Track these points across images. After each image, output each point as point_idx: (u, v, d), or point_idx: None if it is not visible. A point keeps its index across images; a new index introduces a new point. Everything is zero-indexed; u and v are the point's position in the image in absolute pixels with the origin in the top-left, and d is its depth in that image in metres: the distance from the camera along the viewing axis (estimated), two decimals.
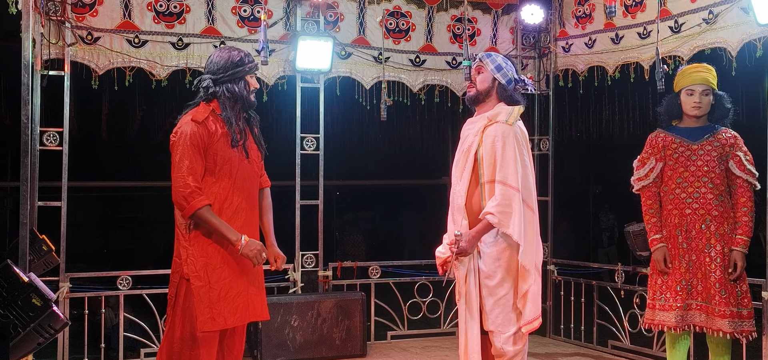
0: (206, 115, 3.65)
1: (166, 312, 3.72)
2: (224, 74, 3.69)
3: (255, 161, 3.84)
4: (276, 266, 3.88)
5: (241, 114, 3.77)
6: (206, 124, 3.63)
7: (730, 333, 4.33)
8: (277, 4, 6.15)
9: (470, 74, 4.11)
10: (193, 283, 3.60)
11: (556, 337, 6.87)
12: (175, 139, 3.62)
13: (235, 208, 3.67)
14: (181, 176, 3.56)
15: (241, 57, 3.74)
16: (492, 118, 3.94)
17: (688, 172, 4.48)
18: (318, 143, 6.35)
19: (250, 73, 3.75)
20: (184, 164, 3.56)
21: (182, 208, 3.56)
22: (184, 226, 3.65)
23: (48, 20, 5.46)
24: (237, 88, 3.69)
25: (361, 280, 6.59)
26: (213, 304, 3.59)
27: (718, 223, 4.42)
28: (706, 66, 4.54)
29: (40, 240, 4.73)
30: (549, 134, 7.07)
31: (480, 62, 4.05)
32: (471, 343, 3.91)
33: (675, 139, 4.55)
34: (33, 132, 5.25)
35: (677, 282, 4.46)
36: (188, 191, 3.54)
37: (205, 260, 3.61)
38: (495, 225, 3.81)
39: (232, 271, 3.66)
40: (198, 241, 3.62)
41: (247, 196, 3.74)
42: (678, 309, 4.43)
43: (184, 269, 3.62)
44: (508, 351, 3.90)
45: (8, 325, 3.70)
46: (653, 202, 4.62)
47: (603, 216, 12.82)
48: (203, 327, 3.57)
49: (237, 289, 3.67)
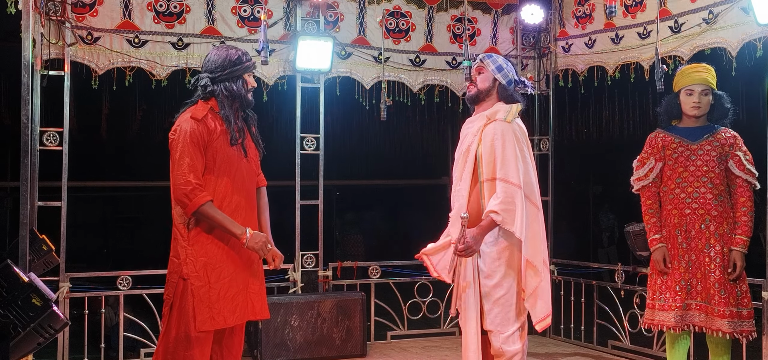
0: (205, 112, 3.64)
1: (163, 312, 3.71)
2: (222, 73, 3.68)
3: (253, 160, 3.84)
4: (274, 265, 3.88)
5: (239, 113, 3.76)
6: (205, 122, 3.62)
7: (730, 333, 4.33)
8: (277, 4, 6.15)
9: (470, 74, 4.11)
10: (192, 283, 3.58)
11: (556, 337, 6.87)
12: (175, 137, 3.61)
13: (234, 206, 3.67)
14: (182, 173, 3.55)
15: (239, 55, 3.74)
16: (491, 117, 3.94)
17: (688, 172, 4.48)
18: (318, 143, 6.35)
19: (248, 71, 3.75)
20: (185, 161, 3.55)
21: (184, 205, 3.55)
22: (183, 224, 3.64)
23: (48, 20, 5.46)
24: (235, 86, 3.69)
25: (361, 280, 6.59)
26: (213, 304, 3.58)
27: (717, 223, 4.42)
28: (706, 66, 4.54)
29: (40, 240, 4.72)
30: (549, 134, 7.06)
31: (481, 63, 4.06)
32: (470, 342, 3.90)
33: (674, 139, 4.55)
34: (33, 132, 5.25)
35: (676, 282, 4.46)
36: (190, 188, 3.53)
37: (206, 260, 3.60)
38: (499, 223, 3.79)
39: (232, 270, 3.65)
40: (198, 240, 3.61)
41: (246, 194, 3.74)
42: (677, 309, 4.43)
43: (183, 269, 3.60)
44: (507, 351, 3.89)
45: (8, 325, 3.70)
46: (653, 202, 4.62)
47: (603, 216, 12.82)
48: (202, 326, 3.56)
49: (236, 288, 3.66)
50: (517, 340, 3.92)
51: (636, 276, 5.98)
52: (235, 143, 3.68)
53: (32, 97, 4.73)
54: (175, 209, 3.67)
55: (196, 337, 3.57)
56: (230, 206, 3.65)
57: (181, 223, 3.65)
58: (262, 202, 3.96)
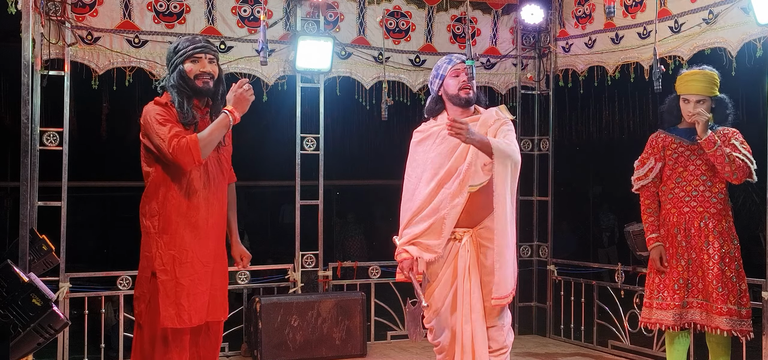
0: (166, 101, 3.64)
1: (135, 311, 3.66)
2: (168, 65, 3.68)
3: (223, 154, 3.77)
4: (242, 265, 3.86)
5: (199, 101, 3.67)
6: (168, 107, 3.60)
7: (728, 331, 4.33)
8: (277, 4, 6.15)
9: (473, 74, 4.08)
10: (159, 277, 3.54)
11: (556, 337, 6.87)
12: (143, 121, 3.60)
13: (201, 198, 3.62)
14: (165, 137, 3.48)
15: (177, 45, 3.67)
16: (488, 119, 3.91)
17: (687, 172, 4.50)
18: (318, 143, 6.35)
19: (187, 57, 3.62)
20: (162, 128, 3.50)
21: (191, 156, 3.46)
22: (151, 218, 3.59)
23: (48, 20, 5.47)
24: (173, 77, 3.62)
25: (361, 280, 6.59)
26: (179, 301, 3.53)
27: (716, 221, 4.43)
28: (705, 72, 4.48)
29: (40, 240, 4.71)
30: (549, 134, 7.06)
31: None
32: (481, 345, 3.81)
33: (675, 139, 4.57)
34: (33, 132, 5.25)
35: (675, 280, 4.47)
36: (181, 143, 3.45)
37: (175, 253, 3.56)
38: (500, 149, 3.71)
39: (200, 268, 3.61)
40: (167, 233, 3.57)
41: (214, 188, 3.67)
42: (676, 308, 4.44)
43: (153, 264, 3.57)
44: (510, 342, 3.91)
45: (8, 325, 3.70)
46: (651, 202, 4.64)
47: (603, 216, 12.81)
48: (166, 323, 3.52)
49: (203, 286, 3.62)
50: (511, 330, 3.97)
51: (636, 276, 5.98)
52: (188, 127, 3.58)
53: (32, 97, 4.73)
54: (143, 207, 3.63)
55: (171, 335, 3.54)
56: (197, 198, 3.60)
57: (149, 218, 3.60)
58: (231, 197, 3.89)
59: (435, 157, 3.92)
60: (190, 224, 3.59)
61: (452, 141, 3.83)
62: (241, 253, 3.90)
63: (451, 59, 4.01)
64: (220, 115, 3.55)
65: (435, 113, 4.04)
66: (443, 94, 4.00)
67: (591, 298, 6.50)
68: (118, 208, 14.99)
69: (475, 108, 4.01)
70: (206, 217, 3.63)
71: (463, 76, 3.94)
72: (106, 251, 14.34)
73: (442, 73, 3.98)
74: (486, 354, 3.81)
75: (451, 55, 4.08)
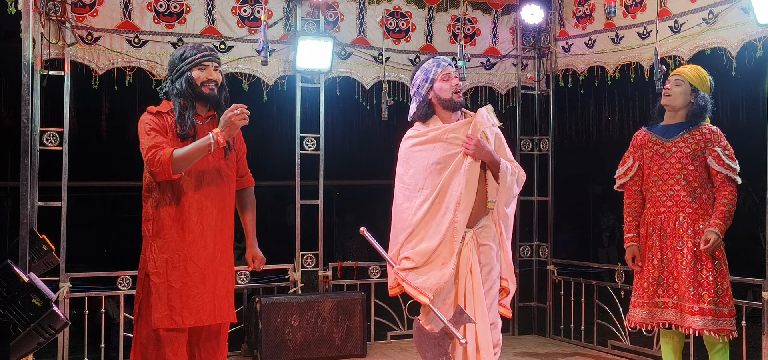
0: (163, 109, 3.67)
1: (133, 311, 3.73)
2: (173, 72, 3.70)
3: (229, 158, 3.78)
4: (254, 267, 3.88)
5: (201, 108, 3.70)
6: (162, 116, 3.65)
7: (700, 330, 4.27)
8: (277, 4, 6.16)
9: (463, 75, 4.10)
10: (152, 279, 3.61)
11: (556, 337, 6.87)
12: (137, 129, 3.67)
13: (193, 202, 3.63)
14: (144, 146, 3.57)
15: (184, 51, 3.70)
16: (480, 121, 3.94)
17: (663, 170, 4.48)
18: (318, 143, 6.35)
19: (196, 64, 3.66)
20: (145, 139, 3.58)
21: (162, 170, 3.50)
22: (148, 222, 3.65)
23: (48, 20, 5.47)
24: (179, 84, 3.65)
25: (361, 280, 6.59)
26: (171, 302, 3.59)
27: (691, 220, 4.38)
28: (696, 66, 4.52)
29: (40, 240, 4.72)
30: (549, 134, 7.06)
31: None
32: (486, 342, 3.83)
33: (652, 137, 4.56)
34: (33, 132, 5.25)
35: (644, 279, 4.50)
36: (154, 156, 3.50)
37: (168, 256, 3.61)
38: (505, 170, 3.89)
39: (194, 270, 3.64)
40: (160, 237, 3.62)
41: (210, 192, 3.68)
42: (645, 306, 4.47)
43: (148, 266, 3.64)
44: (501, 340, 3.97)
45: (8, 325, 3.70)
46: (632, 201, 4.65)
47: (603, 216, 12.79)
48: (157, 324, 3.57)
49: (198, 289, 3.64)
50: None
51: None
52: (186, 137, 3.62)
53: (32, 97, 4.73)
54: (142, 211, 3.69)
55: (165, 336, 3.58)
56: (191, 204, 3.62)
57: (145, 222, 3.67)
58: (248, 201, 3.95)
59: (435, 165, 3.92)
60: (181, 228, 3.63)
61: (455, 148, 3.87)
62: (253, 255, 3.92)
63: (439, 62, 3.99)
64: (206, 136, 3.55)
65: (426, 118, 4.02)
66: (433, 98, 3.97)
67: (591, 298, 6.51)
68: (118, 208, 14.98)
69: (463, 110, 4.03)
70: (199, 221, 3.64)
71: (454, 80, 3.94)
72: (106, 251, 14.33)
73: (431, 76, 3.95)
74: (490, 350, 3.83)
75: (437, 58, 4.05)
